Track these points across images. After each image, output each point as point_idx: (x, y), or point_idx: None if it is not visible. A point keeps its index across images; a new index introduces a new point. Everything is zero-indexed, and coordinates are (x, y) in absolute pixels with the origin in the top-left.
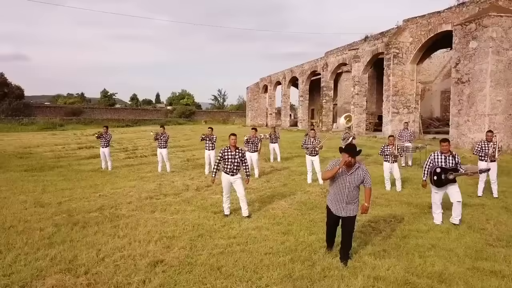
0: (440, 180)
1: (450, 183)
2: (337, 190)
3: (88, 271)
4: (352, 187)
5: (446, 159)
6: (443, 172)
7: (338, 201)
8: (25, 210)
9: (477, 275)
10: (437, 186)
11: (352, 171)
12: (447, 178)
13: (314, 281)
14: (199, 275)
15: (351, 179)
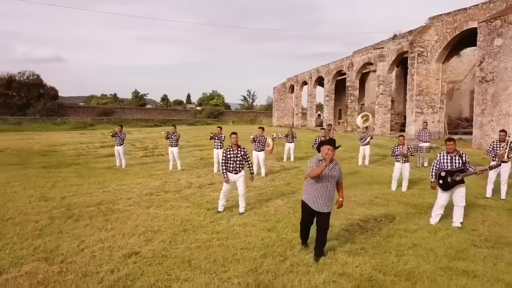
0: (446, 184)
1: (458, 184)
2: (320, 185)
3: (64, 260)
4: (333, 182)
5: (452, 159)
6: (449, 174)
7: (320, 197)
8: (29, 203)
9: (447, 274)
10: (445, 189)
11: (332, 166)
12: (454, 180)
13: (278, 275)
14: (167, 267)
15: (331, 173)
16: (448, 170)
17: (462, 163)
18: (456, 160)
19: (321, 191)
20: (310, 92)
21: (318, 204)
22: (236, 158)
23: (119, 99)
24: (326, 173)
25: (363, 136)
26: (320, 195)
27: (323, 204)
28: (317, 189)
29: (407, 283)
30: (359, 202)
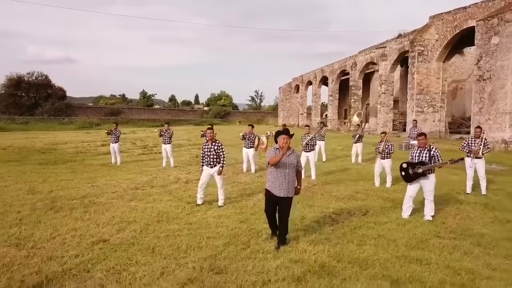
0: (408, 175)
1: (421, 177)
2: (279, 172)
3: (34, 246)
4: (291, 168)
5: (421, 152)
6: (410, 166)
7: (280, 182)
8: (16, 196)
9: (400, 262)
10: (407, 181)
11: (289, 154)
12: (416, 172)
13: (234, 261)
14: (131, 253)
15: (289, 160)
16: (409, 162)
17: (429, 157)
18: (424, 154)
19: (281, 177)
20: (314, 92)
21: (279, 189)
22: (210, 152)
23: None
24: (284, 161)
25: (356, 134)
26: (280, 181)
27: (283, 189)
28: (277, 175)
29: (357, 269)
30: (339, 197)
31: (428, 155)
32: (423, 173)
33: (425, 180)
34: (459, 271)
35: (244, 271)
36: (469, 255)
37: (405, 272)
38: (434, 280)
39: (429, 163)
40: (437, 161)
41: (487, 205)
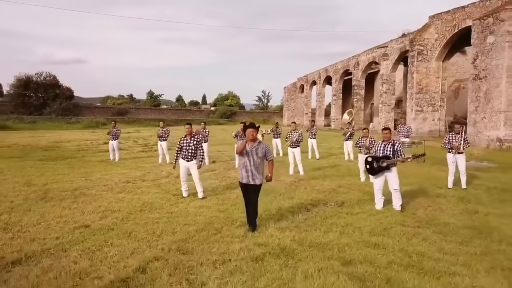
0: (372, 168)
1: (385, 170)
2: (245, 161)
3: (20, 230)
4: (257, 158)
5: (385, 146)
6: (375, 160)
7: (246, 171)
8: (12, 188)
9: (358, 246)
10: (371, 174)
11: (255, 145)
12: (380, 166)
13: (202, 244)
14: (108, 237)
15: (255, 151)
16: (374, 156)
17: (393, 151)
18: (388, 148)
19: (247, 166)
20: (319, 91)
21: (246, 177)
22: (188, 146)
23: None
24: (251, 151)
25: (347, 131)
26: (247, 169)
27: (249, 177)
28: (244, 164)
29: (315, 252)
30: (320, 190)
31: (392, 149)
32: (387, 166)
33: (389, 173)
34: (410, 254)
35: (209, 252)
36: (426, 241)
37: (359, 254)
38: (384, 261)
39: (392, 157)
40: (399, 155)
41: (462, 198)
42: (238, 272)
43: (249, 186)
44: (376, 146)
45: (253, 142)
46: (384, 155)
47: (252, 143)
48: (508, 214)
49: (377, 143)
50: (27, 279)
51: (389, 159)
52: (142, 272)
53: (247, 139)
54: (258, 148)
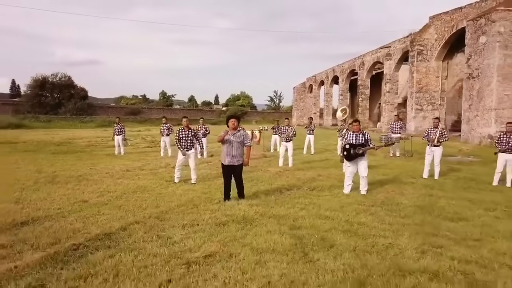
0: (349, 155)
1: (359, 157)
2: (228, 146)
3: (29, 203)
4: (237, 143)
5: (357, 136)
6: (352, 147)
7: (228, 154)
8: (25, 174)
9: (311, 217)
10: (348, 160)
11: (235, 133)
12: (356, 152)
13: (178, 214)
14: (101, 208)
15: (235, 137)
16: (352, 144)
17: (364, 140)
18: (359, 137)
19: (229, 150)
20: (326, 91)
21: (227, 159)
22: (187, 137)
23: (148, 100)
24: (231, 138)
25: (341, 128)
26: (228, 153)
27: (230, 159)
28: (226, 149)
29: (272, 220)
30: (301, 179)
31: (364, 139)
32: (362, 153)
33: (361, 161)
34: (353, 224)
35: (182, 219)
36: (372, 215)
37: (308, 223)
38: (326, 227)
39: (367, 145)
40: (369, 144)
41: (428, 185)
42: (201, 231)
43: (232, 166)
44: (348, 136)
45: (233, 130)
46: (360, 143)
47: (233, 131)
48: (459, 197)
49: (348, 133)
50: (32, 233)
51: (364, 147)
52: (123, 230)
53: (229, 129)
54: (237, 135)
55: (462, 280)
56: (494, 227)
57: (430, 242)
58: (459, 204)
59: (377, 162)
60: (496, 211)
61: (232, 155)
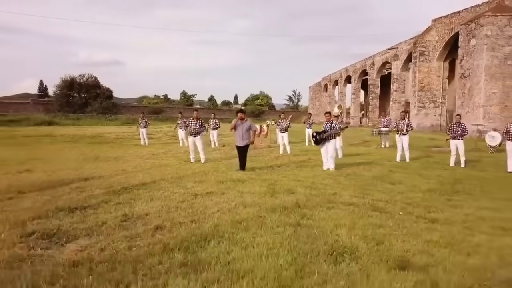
0: (316, 140)
1: (326, 141)
2: (238, 132)
3: (85, 170)
4: (244, 130)
5: (326, 125)
6: (318, 134)
7: (239, 137)
8: (72, 155)
9: (288, 180)
10: (316, 144)
11: (243, 123)
12: (321, 137)
13: (187, 177)
14: (136, 174)
15: (243, 126)
16: (318, 132)
17: (330, 127)
18: (328, 126)
19: (239, 135)
20: (340, 90)
21: (239, 141)
22: (195, 126)
23: (169, 100)
24: (240, 126)
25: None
26: (238, 137)
27: (239, 141)
28: (238, 134)
29: (257, 181)
30: (293, 161)
31: (330, 126)
32: (326, 138)
33: (328, 143)
34: (316, 184)
35: (194, 179)
36: (333, 180)
37: (283, 183)
38: (295, 185)
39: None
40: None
41: (396, 166)
42: (206, 184)
43: (242, 146)
44: (324, 125)
45: (241, 121)
46: (323, 130)
47: (241, 121)
48: (413, 172)
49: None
50: (94, 183)
51: (326, 132)
52: (153, 182)
53: (238, 119)
54: (244, 124)
55: (368, 206)
56: (419, 187)
57: (363, 192)
58: (408, 176)
59: (366, 151)
60: (430, 179)
61: (242, 139)
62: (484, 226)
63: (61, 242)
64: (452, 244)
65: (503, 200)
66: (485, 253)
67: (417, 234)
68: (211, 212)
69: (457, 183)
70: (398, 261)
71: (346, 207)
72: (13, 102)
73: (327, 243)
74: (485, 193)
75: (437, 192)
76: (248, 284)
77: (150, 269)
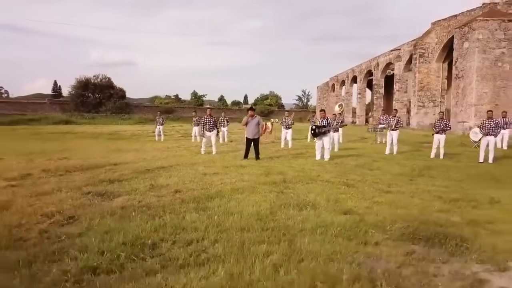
0: (315, 133)
1: (322, 135)
2: (249, 127)
3: (111, 158)
4: (254, 125)
5: (322, 121)
6: (317, 128)
7: (249, 131)
8: (97, 147)
9: (282, 166)
10: (314, 136)
11: (253, 119)
12: (320, 131)
13: (201, 163)
14: (156, 161)
15: (253, 121)
16: (317, 125)
17: (326, 123)
18: (324, 122)
19: (249, 129)
20: (347, 90)
21: (248, 134)
22: (209, 123)
23: (180, 100)
24: (250, 122)
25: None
26: (249, 131)
27: (250, 134)
28: (248, 129)
29: (257, 166)
30: (291, 153)
31: (326, 122)
32: (323, 132)
33: (325, 137)
34: (305, 169)
35: (204, 165)
36: (321, 167)
37: (278, 168)
38: (287, 169)
39: (327, 127)
40: (329, 126)
41: (381, 157)
42: (213, 168)
43: (252, 139)
44: (318, 121)
45: (251, 117)
46: (322, 125)
47: (251, 118)
48: (394, 163)
49: (319, 120)
50: (121, 167)
51: (325, 128)
52: (170, 166)
53: (248, 116)
54: (254, 120)
55: (341, 183)
56: (391, 172)
57: (342, 175)
58: (387, 164)
59: (362, 146)
60: (405, 167)
61: (252, 133)
62: (426, 195)
63: (110, 197)
64: (391, 203)
65: (456, 181)
66: (413, 208)
67: (369, 198)
68: (216, 184)
69: (426, 169)
70: (344, 210)
71: (322, 183)
72: (30, 102)
73: (298, 200)
74: (445, 177)
75: (404, 175)
76: (237, 217)
77: (173, 210)
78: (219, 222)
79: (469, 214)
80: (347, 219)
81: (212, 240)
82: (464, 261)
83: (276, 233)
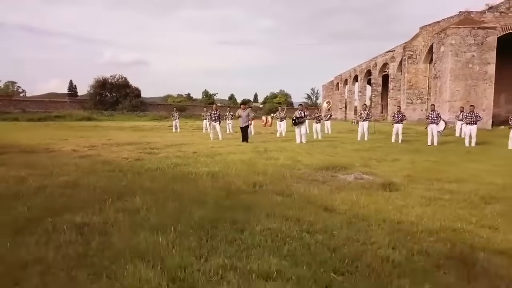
0: (294, 122)
1: (300, 124)
2: (241, 118)
3: (142, 141)
4: (245, 115)
5: (300, 112)
6: (296, 118)
7: (241, 121)
8: (124, 136)
9: (272, 147)
10: (294, 125)
11: (244, 111)
12: (297, 121)
13: (210, 145)
14: (173, 144)
15: (244, 113)
16: (296, 116)
17: (304, 115)
18: (302, 113)
19: (241, 119)
20: (349, 88)
21: (241, 123)
22: (215, 115)
23: (192, 98)
24: (242, 114)
25: (327, 114)
26: (241, 120)
27: (241, 123)
28: (241, 119)
29: (249, 147)
30: (282, 139)
31: (304, 114)
32: (301, 122)
33: (302, 125)
34: (287, 149)
35: (208, 144)
36: (301, 148)
37: (266, 147)
38: (273, 149)
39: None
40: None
41: (351, 142)
42: (219, 145)
43: (243, 127)
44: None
45: (243, 110)
46: (300, 116)
47: (242, 110)
48: (357, 145)
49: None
50: (147, 144)
51: (302, 118)
52: (187, 144)
53: (241, 109)
54: (245, 112)
55: (304, 152)
56: (348, 149)
57: (310, 150)
58: (350, 145)
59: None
60: (363, 146)
61: (243, 121)
62: (355, 157)
63: (156, 154)
64: (327, 158)
65: (387, 152)
66: (338, 160)
67: (315, 157)
68: (219, 152)
69: (372, 147)
70: (294, 160)
71: (291, 151)
72: (52, 101)
73: (268, 157)
74: (384, 151)
75: (357, 150)
76: (230, 161)
77: (192, 157)
78: (219, 162)
79: (369, 163)
80: (292, 162)
81: (215, 165)
82: (341, 174)
83: (248, 165)
